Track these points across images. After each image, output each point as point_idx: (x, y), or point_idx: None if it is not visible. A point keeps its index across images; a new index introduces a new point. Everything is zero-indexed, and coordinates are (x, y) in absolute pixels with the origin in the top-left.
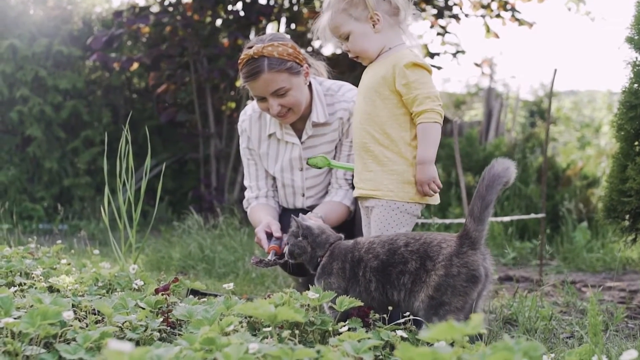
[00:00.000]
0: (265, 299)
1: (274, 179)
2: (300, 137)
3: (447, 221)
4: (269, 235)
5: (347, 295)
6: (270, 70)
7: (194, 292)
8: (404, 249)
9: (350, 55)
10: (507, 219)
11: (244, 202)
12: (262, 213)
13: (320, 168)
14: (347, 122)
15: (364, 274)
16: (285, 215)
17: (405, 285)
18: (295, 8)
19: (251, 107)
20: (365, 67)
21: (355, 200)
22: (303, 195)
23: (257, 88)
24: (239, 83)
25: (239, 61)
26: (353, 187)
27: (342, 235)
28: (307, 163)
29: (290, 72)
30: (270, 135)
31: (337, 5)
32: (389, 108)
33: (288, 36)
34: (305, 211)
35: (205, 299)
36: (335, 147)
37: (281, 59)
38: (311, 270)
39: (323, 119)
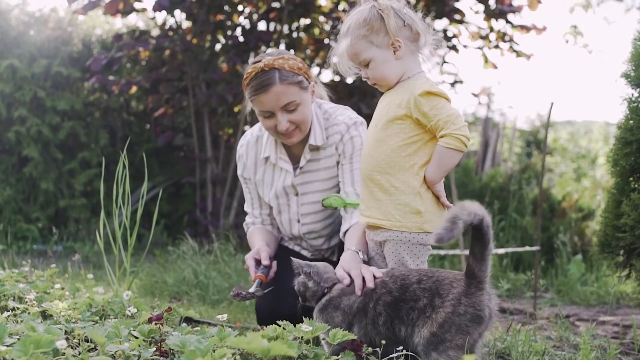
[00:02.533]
0: (259, 330)
1: (270, 207)
2: (298, 162)
3: (442, 252)
4: (258, 263)
5: (351, 330)
6: (282, 82)
7: (188, 320)
8: (417, 286)
9: (369, 82)
10: (501, 251)
11: (244, 225)
12: (257, 237)
13: (336, 208)
14: (341, 142)
15: (374, 307)
16: (285, 251)
17: (412, 320)
18: (295, 35)
19: (250, 133)
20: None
21: None
22: (298, 221)
23: (267, 102)
24: (239, 107)
25: (246, 76)
26: None
27: None
28: (323, 204)
29: (301, 87)
30: (266, 160)
31: (358, 31)
32: (400, 136)
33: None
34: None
35: (198, 328)
36: (337, 174)
37: (292, 71)
38: (314, 303)
39: (321, 142)
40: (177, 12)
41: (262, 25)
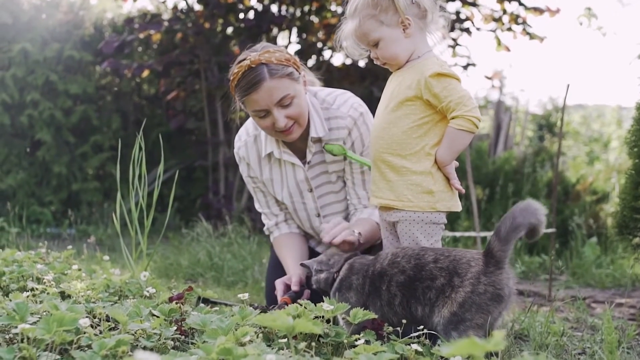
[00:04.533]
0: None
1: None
2: (304, 157)
3: (458, 234)
4: (288, 287)
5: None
6: (272, 76)
7: (205, 301)
8: (433, 265)
9: (378, 62)
10: None
11: (265, 229)
12: (288, 256)
13: (335, 155)
14: (349, 137)
15: (388, 287)
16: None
17: (430, 300)
18: (307, 18)
19: (245, 132)
20: (364, 75)
21: None
22: (318, 215)
23: (260, 100)
24: (235, 105)
25: (232, 77)
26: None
27: (358, 252)
28: (324, 148)
29: (292, 78)
30: (270, 157)
31: (366, 11)
32: (411, 117)
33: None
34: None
35: (217, 308)
36: (344, 168)
37: (281, 64)
38: (329, 289)
39: (322, 133)
40: None
41: (274, 9)
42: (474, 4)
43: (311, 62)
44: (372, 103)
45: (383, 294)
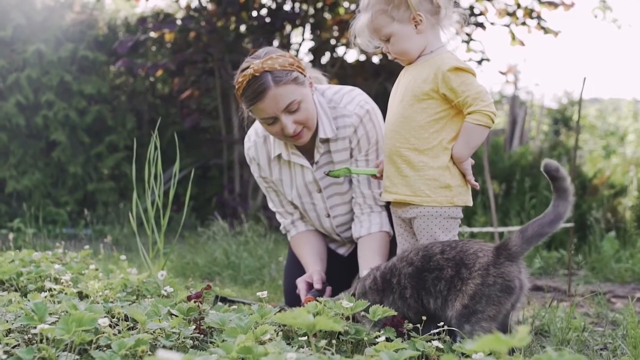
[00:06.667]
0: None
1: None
2: (312, 158)
3: (475, 230)
4: (310, 286)
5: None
6: (277, 84)
7: (222, 299)
8: (440, 256)
9: (389, 56)
10: None
11: (281, 228)
12: (307, 254)
13: (338, 177)
14: (355, 135)
15: (398, 281)
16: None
17: (441, 292)
18: (320, 15)
19: (254, 132)
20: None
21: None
22: (328, 216)
23: (267, 108)
24: (242, 112)
25: (237, 86)
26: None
27: None
28: (328, 174)
29: (297, 83)
30: (279, 158)
31: (378, 6)
32: (427, 112)
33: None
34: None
35: (235, 307)
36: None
37: (284, 70)
38: None
39: (331, 134)
40: None
41: (287, 6)
42: None
43: (325, 58)
44: (387, 99)
45: (395, 288)
